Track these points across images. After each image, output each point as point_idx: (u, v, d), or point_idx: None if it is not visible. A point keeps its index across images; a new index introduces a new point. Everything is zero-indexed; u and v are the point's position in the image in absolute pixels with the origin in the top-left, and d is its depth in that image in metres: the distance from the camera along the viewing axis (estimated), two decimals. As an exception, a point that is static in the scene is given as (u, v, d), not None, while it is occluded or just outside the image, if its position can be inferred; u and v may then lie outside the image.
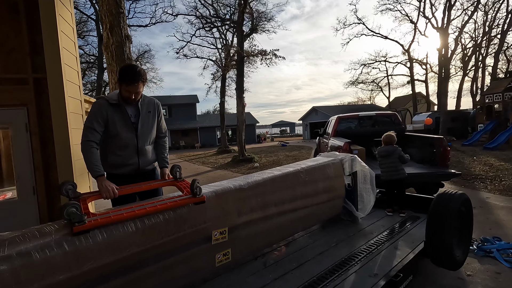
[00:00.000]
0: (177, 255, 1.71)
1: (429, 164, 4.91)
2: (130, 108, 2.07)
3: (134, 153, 2.11)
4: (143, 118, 2.10)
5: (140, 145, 2.11)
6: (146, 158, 2.19)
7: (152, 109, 2.17)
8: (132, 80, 1.93)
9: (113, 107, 2.01)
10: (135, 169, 2.14)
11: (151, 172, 2.28)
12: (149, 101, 2.18)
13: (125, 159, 2.09)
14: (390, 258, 2.20)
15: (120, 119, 2.02)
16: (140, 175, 2.18)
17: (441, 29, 17.93)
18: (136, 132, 2.08)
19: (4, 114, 2.83)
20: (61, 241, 1.32)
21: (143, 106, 2.12)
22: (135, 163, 2.13)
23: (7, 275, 1.18)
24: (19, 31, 2.86)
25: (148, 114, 2.13)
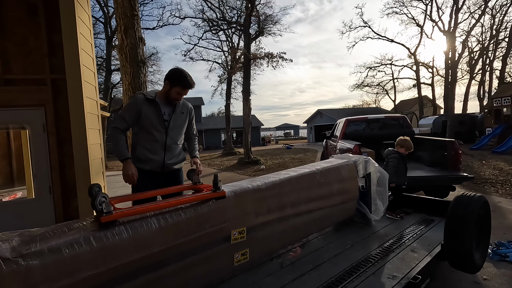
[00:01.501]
0: (197, 254, 1.72)
1: (440, 167, 4.88)
2: (166, 106, 2.20)
3: (162, 149, 2.19)
4: (176, 117, 2.24)
5: (168, 142, 2.21)
6: (172, 155, 2.25)
7: (186, 111, 2.33)
8: (189, 86, 2.17)
9: (149, 103, 2.14)
10: (160, 165, 2.20)
11: (176, 172, 2.32)
12: (184, 104, 2.34)
13: (152, 153, 2.16)
14: (407, 260, 2.19)
15: (154, 114, 2.14)
16: (164, 174, 2.23)
17: (448, 32, 17.85)
18: (166, 129, 2.19)
19: (22, 114, 2.88)
20: (89, 237, 1.35)
21: (178, 107, 2.26)
22: (160, 159, 2.19)
23: (38, 271, 1.20)
24: (38, 33, 2.92)
25: (181, 114, 2.28)
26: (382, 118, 6.85)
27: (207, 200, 1.77)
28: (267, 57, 15.91)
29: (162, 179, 2.20)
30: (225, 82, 21.93)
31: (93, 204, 1.38)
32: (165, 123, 2.19)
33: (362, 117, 6.92)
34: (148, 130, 2.15)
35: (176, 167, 2.32)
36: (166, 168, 2.23)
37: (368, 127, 6.75)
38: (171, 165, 2.26)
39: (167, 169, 2.24)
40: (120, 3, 3.83)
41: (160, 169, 2.21)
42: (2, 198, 3.68)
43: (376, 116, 6.89)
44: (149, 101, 2.14)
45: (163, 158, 2.20)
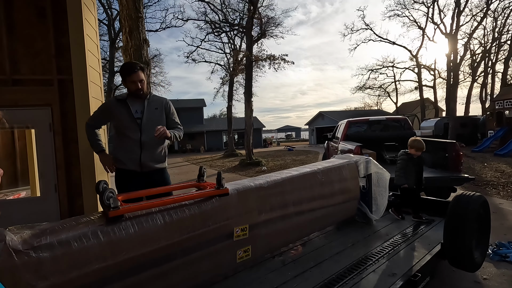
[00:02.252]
0: (201, 250, 1.76)
1: (441, 169, 4.90)
2: (136, 104, 2.19)
3: (137, 147, 2.18)
4: (149, 113, 2.20)
5: (144, 139, 2.18)
6: (150, 153, 2.21)
7: (160, 106, 2.27)
8: (130, 68, 2.14)
9: (120, 104, 2.17)
10: (138, 164, 2.18)
11: (158, 172, 2.27)
12: (158, 99, 2.31)
13: (128, 152, 2.18)
14: (407, 258, 2.22)
15: (125, 114, 2.15)
16: (144, 173, 2.20)
17: (449, 35, 17.88)
18: (140, 126, 2.17)
19: (29, 113, 2.94)
20: (96, 231, 1.39)
21: (150, 103, 2.24)
22: (137, 157, 2.17)
23: (49, 262, 1.24)
24: (46, 34, 2.98)
25: (155, 110, 2.23)
26: (384, 120, 6.88)
27: (210, 197, 1.82)
28: (269, 59, 15.99)
29: (142, 179, 2.17)
30: (227, 84, 22.05)
31: (101, 199, 1.42)
32: (138, 120, 2.18)
33: (364, 119, 6.95)
34: (122, 131, 2.18)
35: (158, 166, 2.27)
36: (145, 167, 2.20)
37: (370, 128, 6.78)
38: (150, 164, 2.22)
39: (147, 168, 2.21)
40: (125, 5, 3.90)
41: (139, 168, 2.18)
42: (6, 197, 3.74)
43: (377, 118, 6.92)
44: (120, 102, 2.19)
45: (140, 156, 2.18)
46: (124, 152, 2.21)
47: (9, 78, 2.86)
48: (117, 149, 2.25)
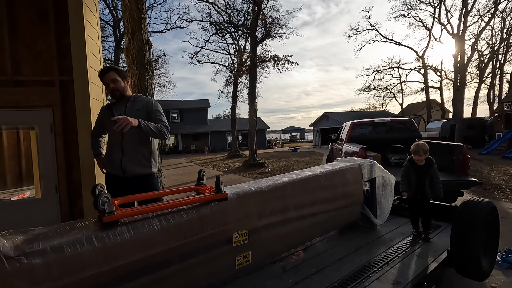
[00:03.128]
0: (199, 256, 1.72)
1: (448, 172, 4.80)
2: (120, 108, 2.18)
3: (119, 150, 2.14)
4: (130, 115, 2.04)
5: (124, 142, 2.13)
6: (131, 157, 2.13)
7: (141, 107, 2.19)
8: (102, 72, 2.18)
9: (107, 109, 2.21)
10: (119, 167, 2.13)
11: (143, 178, 2.18)
12: (140, 100, 2.25)
13: (111, 156, 2.17)
14: (412, 266, 2.15)
15: (108, 118, 2.11)
16: (128, 179, 2.14)
17: (456, 36, 17.64)
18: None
19: (31, 114, 2.94)
20: (91, 237, 1.35)
21: (133, 105, 2.21)
22: (117, 160, 2.13)
23: (41, 269, 1.21)
24: (47, 35, 2.97)
25: (136, 111, 2.16)
26: (389, 121, 6.79)
27: (209, 201, 1.77)
28: (273, 60, 15.95)
29: (125, 184, 2.11)
30: (231, 85, 22.04)
31: (96, 204, 1.39)
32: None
33: (368, 121, 6.86)
34: (109, 135, 2.25)
35: (142, 172, 2.17)
36: (127, 172, 2.13)
37: (374, 130, 6.69)
38: (132, 168, 2.14)
39: (129, 173, 2.14)
40: (128, 6, 3.89)
41: (122, 173, 2.13)
42: (11, 197, 3.74)
43: (382, 120, 6.83)
44: (107, 107, 2.25)
45: (120, 160, 2.12)
46: (108, 156, 2.24)
47: (11, 79, 2.85)
48: (105, 154, 2.32)
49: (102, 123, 2.31)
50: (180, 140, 31.67)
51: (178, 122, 32.42)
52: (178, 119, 32.54)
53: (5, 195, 3.82)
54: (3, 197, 3.59)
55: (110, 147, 2.23)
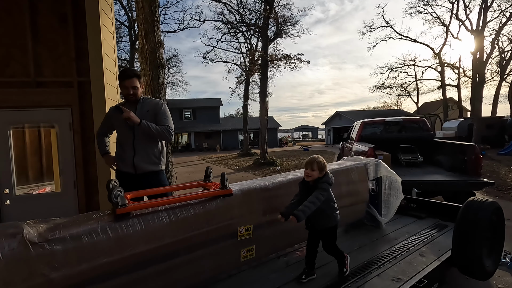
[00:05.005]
0: (205, 248, 1.82)
1: (460, 172, 4.72)
2: (130, 109, 2.24)
3: (131, 149, 2.26)
4: (140, 116, 2.21)
5: (136, 142, 2.25)
6: (143, 155, 2.27)
7: (151, 108, 2.31)
8: (126, 76, 2.22)
9: (117, 110, 2.27)
10: (131, 165, 2.25)
11: (153, 175, 2.31)
12: (150, 102, 2.36)
13: (123, 154, 2.27)
14: (414, 264, 2.18)
15: (119, 120, 2.22)
16: (138, 176, 2.26)
17: (475, 32, 17.07)
18: (133, 129, 2.24)
19: (51, 114, 3.13)
20: (105, 227, 1.48)
21: (143, 106, 2.30)
22: (130, 158, 2.25)
23: (61, 255, 1.34)
24: (67, 39, 3.15)
25: (146, 113, 2.28)
26: (400, 121, 6.70)
27: (215, 197, 1.87)
28: (285, 58, 15.93)
29: (137, 181, 2.23)
30: (243, 84, 22.17)
31: (110, 197, 1.51)
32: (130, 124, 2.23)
33: (379, 120, 6.80)
34: (119, 135, 2.33)
35: (152, 169, 2.31)
36: (139, 169, 2.26)
37: (385, 130, 6.63)
38: (143, 166, 2.27)
39: (141, 170, 2.26)
40: (142, 10, 4.04)
41: (133, 170, 2.25)
42: (33, 191, 3.98)
43: (393, 119, 6.75)
44: (117, 108, 2.29)
45: (133, 157, 2.25)
46: (119, 155, 2.33)
47: (33, 80, 3.05)
48: (116, 153, 2.42)
49: (111, 123, 2.38)
50: (192, 138, 32.13)
51: (191, 121, 32.89)
52: (190, 118, 33.02)
53: (28, 190, 4.06)
54: (25, 192, 3.82)
55: (121, 147, 2.32)
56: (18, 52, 3.02)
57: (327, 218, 2.04)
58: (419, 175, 4.81)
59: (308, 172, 2.02)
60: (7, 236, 1.27)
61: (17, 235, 1.28)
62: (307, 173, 2.02)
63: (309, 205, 1.88)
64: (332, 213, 2.05)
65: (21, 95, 3.01)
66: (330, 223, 2.05)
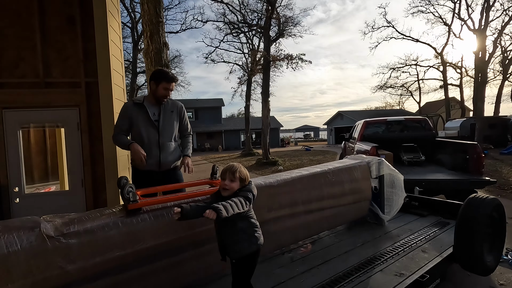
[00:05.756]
0: (211, 244, 1.87)
1: (462, 171, 4.75)
2: (153, 108, 2.32)
3: (156, 148, 2.31)
4: (166, 116, 2.34)
5: (162, 140, 2.32)
6: (167, 153, 2.35)
7: (175, 110, 2.42)
8: (172, 79, 2.29)
9: (137, 107, 2.30)
10: (157, 163, 2.31)
11: (172, 171, 2.39)
12: (173, 103, 2.44)
13: (149, 153, 2.28)
14: (416, 260, 2.22)
15: (143, 117, 2.28)
16: (161, 172, 2.34)
17: (478, 31, 17.05)
18: (158, 128, 2.31)
19: (60, 113, 3.19)
20: (118, 222, 1.53)
21: (166, 106, 2.37)
22: (156, 157, 2.30)
23: (76, 248, 1.40)
24: (75, 40, 3.22)
25: (170, 113, 2.38)
26: (402, 120, 6.73)
27: (222, 193, 1.92)
28: (287, 58, 15.98)
29: (159, 177, 2.30)
30: (245, 84, 22.22)
31: (122, 193, 1.56)
32: (156, 123, 2.32)
33: (381, 119, 6.84)
34: (140, 133, 2.30)
35: (174, 166, 2.41)
36: (163, 166, 2.33)
37: (388, 129, 6.66)
38: (167, 163, 2.35)
39: (164, 167, 2.34)
40: (147, 11, 4.10)
41: (158, 168, 2.32)
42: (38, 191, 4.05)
43: (396, 118, 6.78)
44: (137, 105, 2.30)
45: (159, 156, 2.31)
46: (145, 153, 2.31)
47: (42, 81, 3.11)
48: None
49: (133, 120, 2.31)
50: (194, 138, 32.24)
51: (193, 121, 32.99)
52: (193, 118, 33.12)
53: (33, 189, 4.13)
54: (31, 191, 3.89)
55: (144, 145, 2.27)
56: (28, 53, 3.09)
57: (244, 241, 1.53)
58: (421, 174, 4.85)
59: (227, 184, 1.55)
60: (25, 229, 1.33)
61: (35, 228, 1.34)
62: (225, 185, 1.56)
63: (232, 204, 1.43)
64: (252, 234, 1.57)
65: (30, 95, 3.08)
66: (249, 249, 1.54)
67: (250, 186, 1.63)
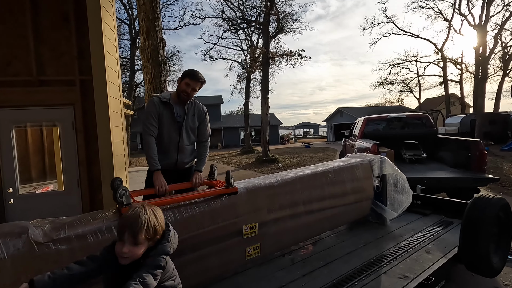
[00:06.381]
0: (210, 247, 1.81)
1: (464, 169, 4.69)
2: (178, 108, 2.24)
3: (175, 149, 2.25)
4: (188, 118, 2.27)
5: (181, 143, 2.26)
6: (184, 156, 2.31)
7: (197, 113, 2.33)
8: (196, 77, 2.18)
9: (164, 105, 2.21)
10: (173, 165, 2.27)
11: (187, 170, 2.36)
12: (196, 106, 2.36)
13: (166, 154, 2.23)
14: (420, 261, 2.16)
15: (168, 116, 2.21)
16: (176, 171, 2.30)
17: (478, 27, 16.91)
18: (180, 130, 2.24)
19: (54, 112, 3.11)
20: (111, 227, 1.47)
21: (190, 108, 2.29)
22: (173, 159, 2.26)
23: (67, 255, 1.33)
24: (69, 37, 3.13)
25: (192, 117, 2.30)
26: (403, 117, 6.66)
27: (220, 195, 1.86)
28: (286, 55, 15.85)
29: (174, 176, 2.27)
30: (244, 81, 22.09)
31: (114, 196, 1.50)
32: (178, 124, 2.25)
33: (382, 116, 6.76)
34: (162, 132, 2.22)
35: (189, 166, 2.38)
36: (178, 166, 2.30)
37: (388, 126, 6.59)
38: (183, 164, 2.33)
39: (180, 166, 2.31)
40: (143, 7, 4.01)
41: (173, 167, 2.28)
42: (36, 190, 3.98)
43: (396, 115, 6.71)
44: (164, 103, 2.22)
45: (176, 158, 2.27)
46: (162, 153, 2.23)
47: (36, 79, 3.03)
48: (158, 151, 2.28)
49: (160, 118, 2.20)
50: (194, 136, 32.07)
51: (192, 119, 32.78)
52: (192, 116, 32.94)
53: (31, 188, 4.07)
54: (28, 190, 3.82)
55: (161, 143, 2.21)
56: (21, 51, 3.00)
57: None
58: (423, 171, 4.79)
59: (125, 252, 1.07)
60: (12, 236, 1.26)
61: (23, 235, 1.28)
62: (122, 253, 1.08)
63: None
64: None
65: (23, 94, 3.00)
66: None
67: (165, 242, 1.14)
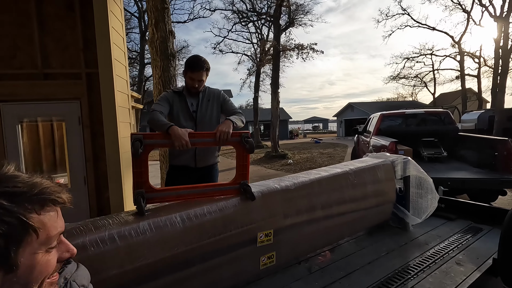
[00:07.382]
0: (222, 256, 1.67)
1: (489, 169, 4.41)
2: (191, 98, 2.15)
3: None
4: (203, 107, 2.16)
5: None
6: (204, 149, 2.18)
7: (212, 98, 2.20)
8: (196, 67, 2.05)
9: (177, 95, 2.12)
10: (193, 159, 2.15)
11: (209, 169, 2.24)
12: (210, 91, 2.23)
13: None
14: (452, 274, 1.96)
15: (181, 107, 2.12)
16: (198, 170, 2.19)
17: (500, 18, 16.15)
18: (195, 120, 2.14)
19: (60, 107, 3.01)
20: (113, 236, 1.33)
21: (204, 96, 2.18)
22: (191, 150, 2.12)
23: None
24: (74, 28, 3.00)
25: (207, 103, 2.18)
26: (421, 113, 6.35)
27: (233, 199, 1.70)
28: (297, 48, 15.52)
29: (196, 175, 2.17)
30: (254, 75, 21.86)
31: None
32: (194, 113, 2.17)
33: (399, 112, 6.48)
34: (178, 124, 2.05)
35: (211, 162, 2.25)
36: (199, 162, 2.18)
37: (405, 123, 6.31)
38: (204, 159, 2.20)
39: (201, 163, 2.19)
40: (152, -3, 3.84)
41: (194, 164, 2.17)
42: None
43: (414, 111, 6.41)
44: (177, 94, 2.14)
45: (194, 150, 2.15)
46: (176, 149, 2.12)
47: (41, 72, 2.92)
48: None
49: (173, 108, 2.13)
50: (203, 130, 32.12)
51: (201, 112, 32.79)
52: (201, 109, 32.98)
53: (41, 182, 4.03)
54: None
55: None
56: (25, 42, 2.90)
57: None
58: (444, 171, 4.53)
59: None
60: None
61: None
62: None
63: None
64: None
65: (28, 87, 2.90)
66: None
67: None
